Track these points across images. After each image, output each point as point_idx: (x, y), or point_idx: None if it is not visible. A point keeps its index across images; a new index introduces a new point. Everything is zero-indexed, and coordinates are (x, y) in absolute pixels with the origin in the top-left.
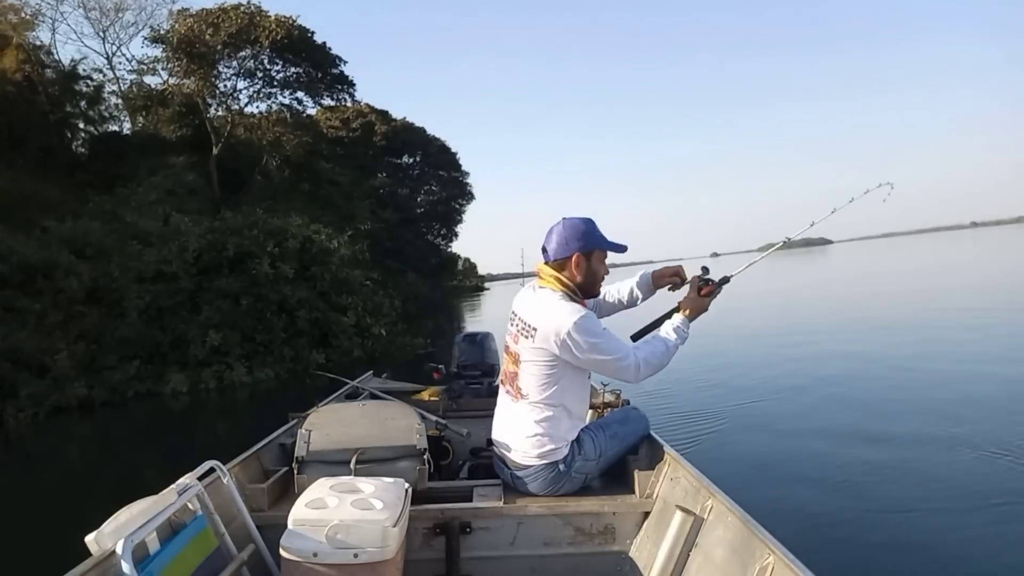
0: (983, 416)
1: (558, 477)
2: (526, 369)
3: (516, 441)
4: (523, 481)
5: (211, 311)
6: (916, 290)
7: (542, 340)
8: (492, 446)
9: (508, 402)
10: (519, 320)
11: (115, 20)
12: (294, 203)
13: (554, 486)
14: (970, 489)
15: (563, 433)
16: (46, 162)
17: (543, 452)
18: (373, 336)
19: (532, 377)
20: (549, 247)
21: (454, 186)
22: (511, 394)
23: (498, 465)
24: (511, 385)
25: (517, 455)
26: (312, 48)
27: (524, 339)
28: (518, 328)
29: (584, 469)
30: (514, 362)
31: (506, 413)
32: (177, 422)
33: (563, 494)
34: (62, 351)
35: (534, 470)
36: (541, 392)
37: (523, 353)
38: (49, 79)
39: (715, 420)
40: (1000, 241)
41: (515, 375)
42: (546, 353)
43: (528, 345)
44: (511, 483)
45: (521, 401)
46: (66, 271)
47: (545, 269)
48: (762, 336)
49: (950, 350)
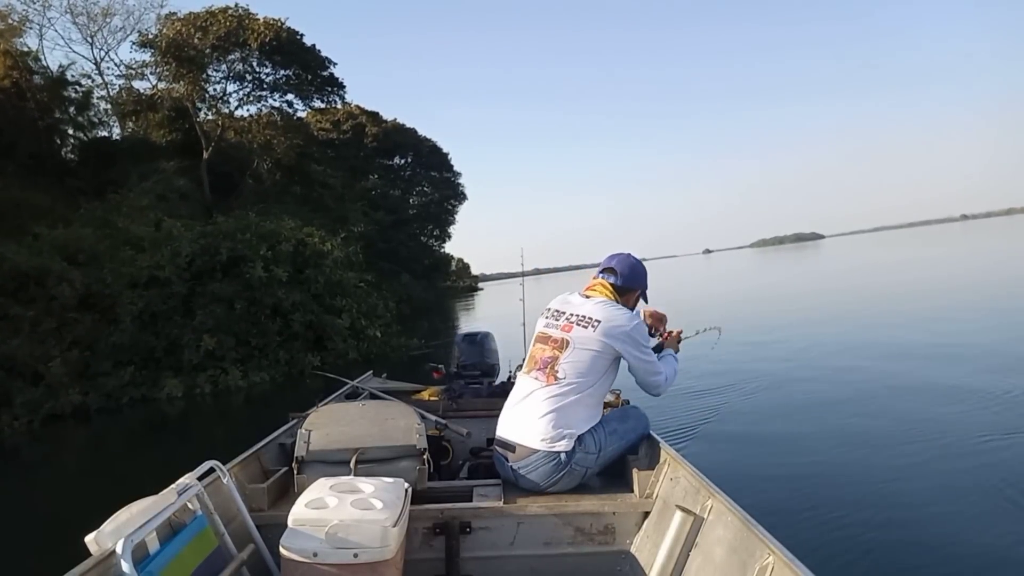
0: (983, 416)
1: (558, 468)
2: (574, 354)
3: (529, 424)
4: (523, 473)
5: (205, 315)
6: (909, 283)
7: (603, 332)
8: (492, 445)
9: (533, 387)
10: (572, 314)
11: (103, 25)
12: (286, 206)
13: (553, 477)
14: (971, 488)
15: (577, 424)
16: (36, 169)
17: (552, 437)
18: (368, 338)
19: (578, 362)
20: (621, 272)
21: (446, 187)
22: (541, 378)
23: (499, 460)
24: (545, 369)
25: (524, 439)
26: (301, 50)
27: (581, 328)
28: (569, 320)
29: (584, 463)
30: (558, 347)
31: (526, 399)
32: (173, 427)
33: (561, 489)
34: (56, 358)
35: (536, 460)
36: (579, 376)
37: (576, 340)
38: (37, 85)
39: (715, 420)
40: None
41: (554, 359)
42: (602, 344)
43: (586, 334)
44: (511, 477)
45: (553, 385)
46: (59, 278)
47: (606, 286)
48: (761, 335)
49: (950, 349)
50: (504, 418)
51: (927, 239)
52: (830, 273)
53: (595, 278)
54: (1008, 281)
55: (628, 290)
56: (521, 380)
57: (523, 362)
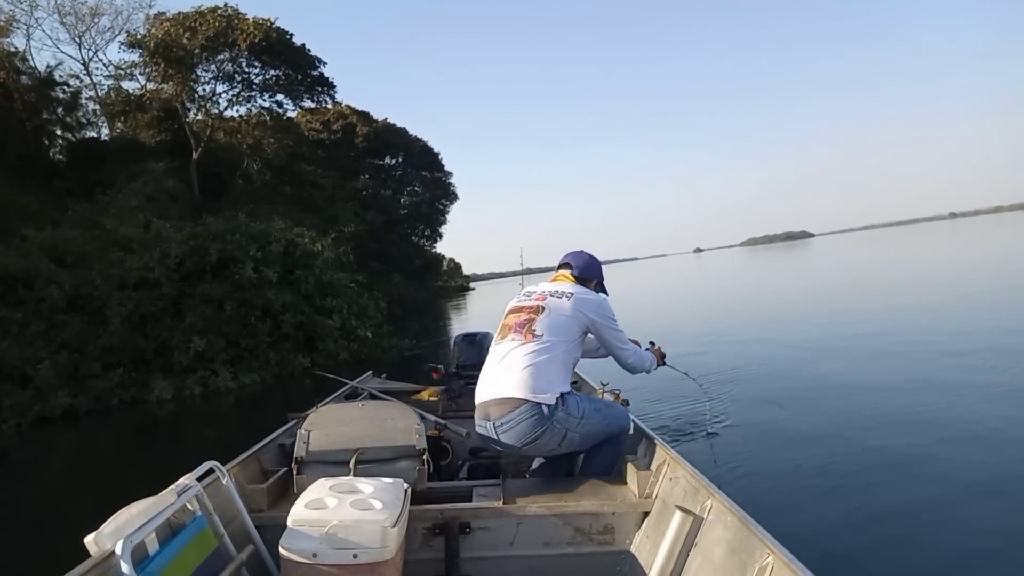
0: (984, 415)
1: (540, 421)
2: (551, 317)
3: (510, 379)
4: (506, 429)
5: (195, 317)
6: (902, 278)
7: (576, 301)
8: (475, 415)
9: (510, 347)
10: (549, 290)
11: (91, 25)
12: (276, 206)
13: (534, 432)
14: (971, 487)
15: (557, 381)
16: (24, 170)
17: (535, 388)
18: (359, 338)
19: (553, 323)
20: (576, 264)
21: (437, 187)
22: (518, 338)
23: (480, 426)
24: (521, 330)
25: (508, 392)
26: (291, 50)
27: (555, 298)
28: (543, 293)
29: (564, 423)
30: (533, 312)
31: (504, 358)
32: (163, 429)
33: (540, 448)
34: (45, 360)
35: (520, 412)
36: (555, 335)
37: (551, 306)
38: (25, 86)
39: (715, 420)
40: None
41: (530, 320)
42: (575, 311)
43: (560, 302)
44: (492, 437)
45: (531, 342)
46: (47, 280)
47: (568, 276)
48: (759, 335)
49: (950, 347)
50: (482, 383)
51: (916, 236)
52: (822, 269)
53: (556, 273)
54: (999, 277)
55: (586, 279)
56: (495, 347)
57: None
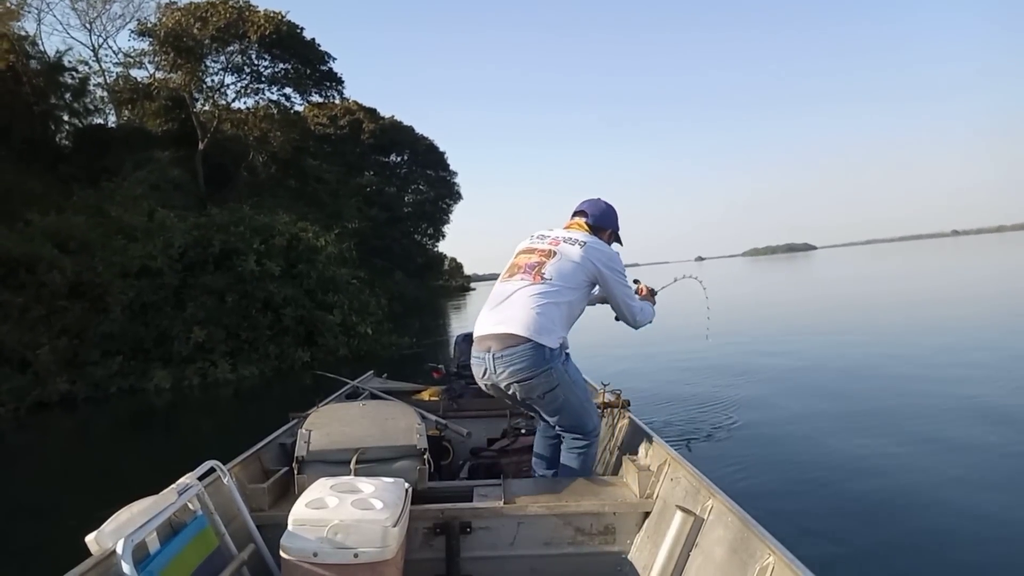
0: (985, 414)
1: (539, 363)
2: (561, 263)
3: (516, 315)
4: (506, 363)
5: (196, 307)
6: (904, 293)
7: (587, 250)
8: (472, 355)
9: (518, 286)
10: (562, 235)
11: (102, 12)
12: (280, 200)
13: (530, 371)
14: (972, 487)
15: (559, 326)
16: (29, 154)
17: (540, 329)
18: (359, 335)
19: (563, 269)
20: (592, 212)
21: (442, 186)
22: (527, 279)
23: (477, 354)
24: (531, 272)
25: (512, 328)
26: (301, 44)
27: (567, 244)
28: (556, 238)
29: (559, 376)
30: (544, 256)
31: (510, 296)
32: (160, 419)
33: (531, 392)
34: (44, 346)
35: (522, 350)
36: (563, 281)
37: (562, 251)
38: (34, 70)
39: (715, 421)
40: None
41: (541, 264)
42: (585, 260)
43: (572, 248)
44: (490, 366)
45: (540, 284)
46: (49, 265)
47: (582, 224)
48: (759, 336)
49: (952, 350)
50: (485, 318)
51: (918, 252)
52: (824, 281)
53: (570, 220)
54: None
55: (600, 229)
56: (501, 284)
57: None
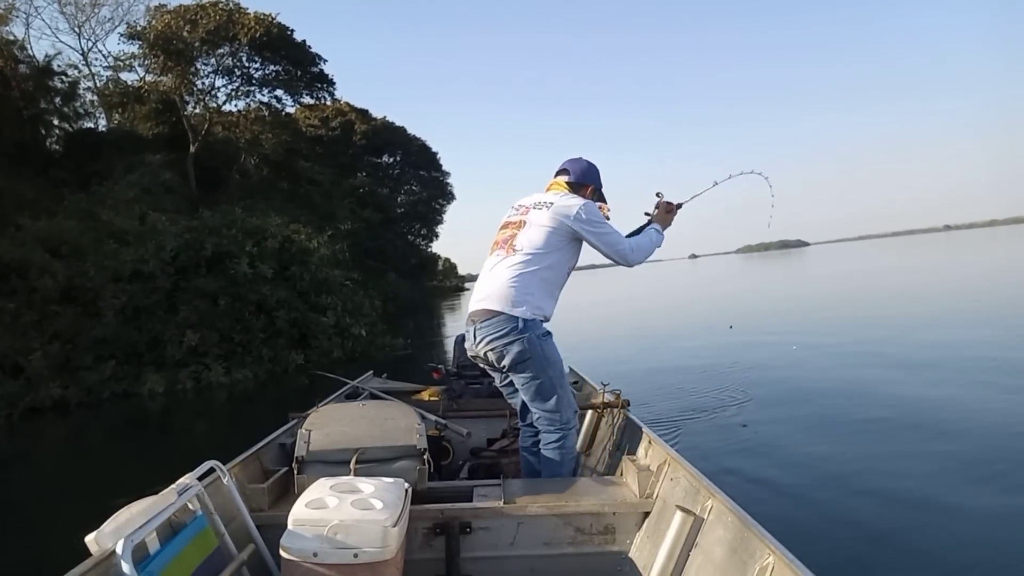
0: (984, 414)
1: (514, 330)
2: (530, 231)
3: (492, 290)
4: (483, 335)
5: (188, 311)
6: (904, 287)
7: (557, 211)
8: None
9: (495, 262)
10: (532, 202)
11: (91, 15)
12: (273, 202)
13: (504, 340)
14: (972, 488)
15: (536, 293)
16: (19, 159)
17: (513, 301)
18: (353, 336)
19: (533, 236)
20: (573, 170)
21: (435, 186)
22: (502, 253)
23: (466, 328)
24: (505, 247)
25: (489, 304)
26: (291, 46)
27: (537, 211)
28: (528, 206)
29: (533, 346)
30: (516, 227)
31: (489, 272)
32: (154, 423)
33: (509, 362)
34: (37, 351)
35: (496, 322)
36: (534, 249)
37: (533, 219)
38: (23, 74)
39: (714, 420)
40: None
41: (513, 236)
42: (556, 221)
43: (540, 214)
44: (473, 339)
45: (511, 256)
46: (41, 270)
47: (561, 184)
48: (759, 336)
49: (952, 349)
50: (472, 296)
51: (911, 247)
52: (819, 276)
53: (552, 180)
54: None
55: (581, 185)
56: (485, 263)
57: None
